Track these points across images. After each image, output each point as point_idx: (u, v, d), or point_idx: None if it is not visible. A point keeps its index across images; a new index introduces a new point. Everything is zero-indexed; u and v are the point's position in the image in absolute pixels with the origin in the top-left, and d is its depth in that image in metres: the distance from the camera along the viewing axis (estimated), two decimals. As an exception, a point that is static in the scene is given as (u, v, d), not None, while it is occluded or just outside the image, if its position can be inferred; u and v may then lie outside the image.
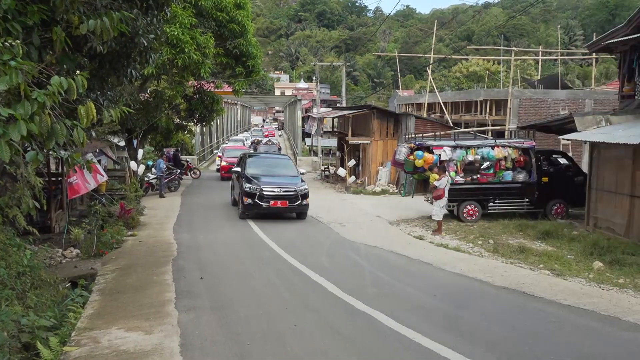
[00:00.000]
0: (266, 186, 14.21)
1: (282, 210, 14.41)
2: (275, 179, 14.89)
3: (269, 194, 14.12)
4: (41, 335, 5.78)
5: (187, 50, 14.41)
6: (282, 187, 14.30)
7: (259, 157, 17.91)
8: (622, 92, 13.41)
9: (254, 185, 14.24)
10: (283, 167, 16.26)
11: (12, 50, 3.81)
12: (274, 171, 15.65)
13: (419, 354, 5.15)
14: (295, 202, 14.27)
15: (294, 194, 14.28)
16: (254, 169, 15.49)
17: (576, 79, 58.24)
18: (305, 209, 14.61)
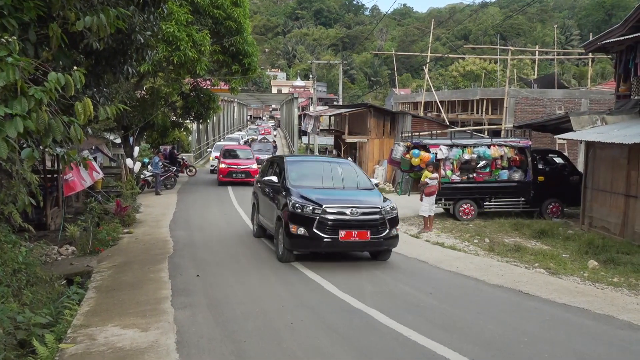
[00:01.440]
0: (331, 205, 8.82)
1: (358, 247, 9.14)
2: (340, 194, 9.57)
3: (336, 219, 8.70)
4: (37, 333, 5.77)
5: (183, 47, 14.38)
6: (356, 206, 8.89)
7: (306, 161, 11.89)
8: (617, 92, 13.46)
9: (308, 204, 8.85)
10: (347, 175, 10.38)
11: (8, 47, 3.79)
12: (334, 182, 10.03)
13: (415, 352, 5.17)
14: (381, 231, 8.83)
15: (378, 219, 8.87)
16: (301, 178, 9.91)
17: (572, 79, 58.41)
18: (395, 242, 9.32)
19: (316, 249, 9.08)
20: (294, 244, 8.95)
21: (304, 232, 8.69)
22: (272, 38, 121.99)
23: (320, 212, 8.71)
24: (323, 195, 9.17)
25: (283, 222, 9.05)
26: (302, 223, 8.71)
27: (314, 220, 8.66)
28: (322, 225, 8.65)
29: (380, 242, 9.01)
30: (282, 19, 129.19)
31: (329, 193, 9.43)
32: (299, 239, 8.82)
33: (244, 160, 23.02)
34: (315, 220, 8.65)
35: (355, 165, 11.56)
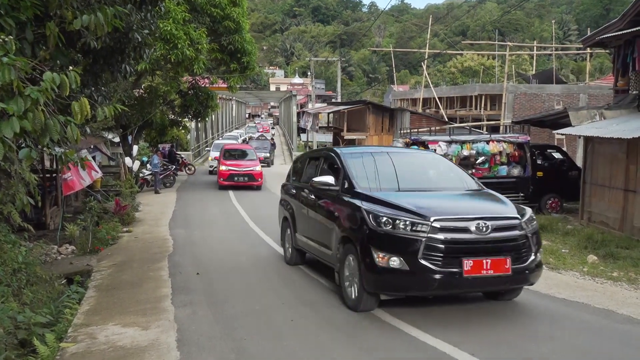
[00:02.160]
0: (444, 217, 5.75)
1: (493, 284, 5.97)
2: (446, 199, 6.60)
3: (456, 240, 5.65)
4: (37, 332, 5.77)
5: (181, 46, 14.35)
6: (483, 217, 5.80)
7: (371, 153, 7.57)
8: (616, 87, 13.47)
9: (404, 216, 5.75)
10: (440, 173, 7.47)
11: (5, 47, 3.78)
12: (423, 184, 7.00)
13: (417, 350, 5.17)
14: (524, 258, 5.82)
15: (519, 237, 5.84)
16: (372, 179, 6.74)
17: (570, 74, 58.44)
18: (540, 273, 6.19)
19: (422, 290, 5.71)
20: (383, 283, 5.73)
21: (401, 264, 5.52)
22: (270, 35, 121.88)
23: (426, 228, 5.52)
24: (423, 202, 6.02)
25: (358, 248, 5.87)
26: (395, 248, 5.57)
27: (417, 242, 5.48)
28: (433, 251, 5.46)
29: (525, 276, 5.80)
30: (279, 17, 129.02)
31: (429, 199, 6.31)
32: (391, 275, 5.58)
33: (246, 162, 20.92)
34: (420, 243, 5.47)
35: (443, 159, 8.25)
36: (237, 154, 21.66)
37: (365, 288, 5.86)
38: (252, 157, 21.56)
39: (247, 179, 20.17)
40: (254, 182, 20.16)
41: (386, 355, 5.01)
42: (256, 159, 21.56)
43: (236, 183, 19.99)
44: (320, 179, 7.15)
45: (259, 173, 20.42)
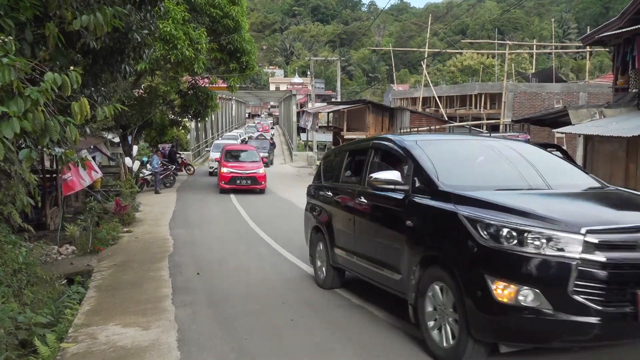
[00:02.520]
0: (612, 232, 3.87)
1: None
2: (583, 202, 4.78)
3: (630, 262, 3.73)
4: (38, 332, 5.78)
5: (180, 46, 14.36)
6: None
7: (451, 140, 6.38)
8: (615, 85, 13.47)
9: (536, 226, 3.84)
10: (547, 167, 5.36)
11: (4, 47, 3.79)
12: (529, 181, 4.90)
13: (418, 347, 5.17)
14: None
15: None
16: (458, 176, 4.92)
17: (570, 73, 58.44)
18: None
19: (572, 339, 3.91)
20: (506, 328, 3.93)
21: (537, 301, 3.76)
22: (269, 35, 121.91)
23: (577, 245, 3.75)
24: (556, 206, 4.42)
25: (458, 274, 4.16)
26: (527, 276, 3.78)
27: (564, 267, 3.72)
28: (589, 280, 3.69)
29: None
30: (279, 16, 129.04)
31: (557, 200, 4.69)
32: (520, 317, 3.80)
33: (249, 164, 19.89)
34: (569, 268, 3.70)
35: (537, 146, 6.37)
36: (239, 155, 20.62)
37: (472, 334, 4.04)
38: (255, 159, 20.51)
39: (250, 182, 19.12)
40: (257, 185, 19.21)
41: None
42: (259, 160, 20.54)
43: (238, 186, 18.97)
44: (382, 175, 5.25)
45: (262, 175, 19.36)
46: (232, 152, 21.11)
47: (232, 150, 21.51)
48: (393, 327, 5.64)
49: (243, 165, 19.67)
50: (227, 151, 20.87)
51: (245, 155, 20.85)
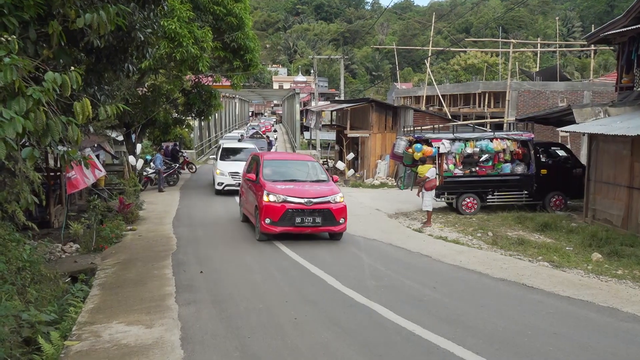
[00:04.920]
0: None
1: None
2: None
3: None
4: (42, 330, 5.80)
5: (185, 44, 14.35)
6: None
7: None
8: (620, 84, 13.40)
9: None
10: None
11: (8, 46, 3.79)
12: None
13: (419, 346, 5.17)
14: None
15: None
16: None
17: (575, 71, 58.20)
18: None
19: None
20: None
21: None
22: (272, 34, 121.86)
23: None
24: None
25: None
26: None
27: None
28: None
29: None
30: (282, 14, 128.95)
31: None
32: None
33: (313, 186, 11.31)
34: None
35: None
36: (291, 170, 11.96)
37: None
38: (320, 176, 11.88)
39: (321, 220, 10.55)
40: (331, 225, 10.66)
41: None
42: (327, 177, 11.92)
43: (300, 228, 10.55)
44: None
45: (340, 207, 10.77)
46: (278, 164, 12.30)
47: (278, 160, 12.86)
48: (396, 326, 5.67)
49: (303, 188, 10.97)
50: (269, 162, 12.07)
51: (300, 168, 12.15)
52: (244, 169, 13.88)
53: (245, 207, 12.85)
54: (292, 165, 12.41)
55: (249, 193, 12.19)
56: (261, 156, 12.37)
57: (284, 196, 10.55)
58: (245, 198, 12.87)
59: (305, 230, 10.68)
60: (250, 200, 11.95)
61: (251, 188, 11.86)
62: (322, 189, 11.07)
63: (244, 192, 12.99)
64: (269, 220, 10.44)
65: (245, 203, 12.74)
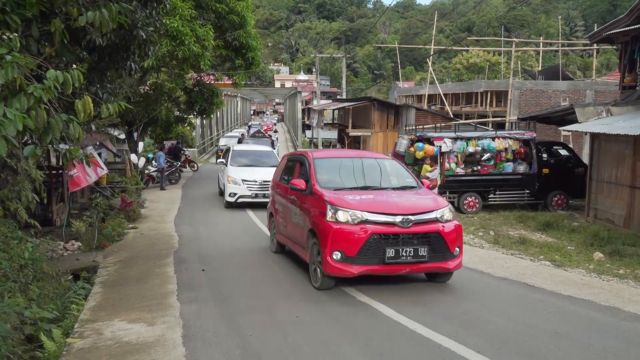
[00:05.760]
0: None
1: None
2: None
3: None
4: (44, 327, 5.81)
5: (187, 42, 14.36)
6: None
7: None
8: (623, 83, 13.38)
9: None
10: None
11: (9, 44, 3.79)
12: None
13: (419, 344, 5.17)
14: None
15: None
16: None
17: (577, 70, 58.05)
18: None
19: None
20: None
21: None
22: (274, 32, 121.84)
23: None
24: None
25: None
26: None
27: None
28: None
29: None
30: (284, 13, 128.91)
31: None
32: None
33: (404, 195, 7.50)
34: None
35: None
36: (362, 174, 8.08)
37: None
38: (408, 180, 8.23)
39: (427, 252, 6.74)
40: (443, 259, 6.92)
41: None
42: (419, 184, 8.15)
43: (393, 267, 6.73)
44: None
45: (454, 229, 6.99)
46: (339, 165, 8.32)
47: (336, 159, 8.64)
48: (399, 324, 5.67)
49: (390, 199, 7.22)
50: (323, 162, 8.31)
51: (373, 171, 8.27)
52: (274, 177, 10.03)
53: (285, 232, 8.73)
54: (361, 167, 8.21)
55: (291, 211, 8.29)
56: (308, 155, 8.42)
57: (363, 213, 6.64)
58: (284, 218, 8.76)
59: (402, 270, 6.75)
60: (296, 221, 8.00)
61: (296, 202, 7.99)
62: (419, 200, 7.24)
63: (280, 210, 9.04)
64: (339, 255, 6.52)
65: (287, 226, 8.59)
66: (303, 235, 7.59)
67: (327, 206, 6.88)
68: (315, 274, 7.13)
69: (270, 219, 9.90)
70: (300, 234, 7.79)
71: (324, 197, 7.11)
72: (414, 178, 8.30)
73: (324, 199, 7.04)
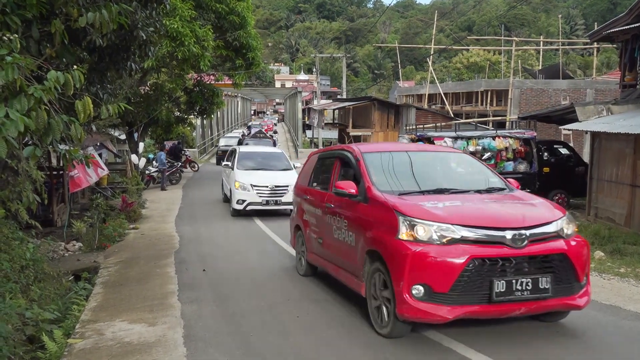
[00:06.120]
0: None
1: None
2: None
3: None
4: (45, 328, 5.82)
5: (187, 43, 14.38)
6: None
7: None
8: (623, 82, 13.37)
9: None
10: None
11: (9, 45, 3.80)
12: None
13: (423, 345, 5.17)
14: None
15: None
16: None
17: (577, 69, 58.03)
18: None
19: None
20: None
21: None
22: (275, 32, 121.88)
23: None
24: None
25: None
26: None
27: None
28: None
29: None
30: (284, 13, 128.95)
31: None
32: None
33: (503, 201, 5.48)
34: None
35: None
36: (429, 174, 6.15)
37: None
38: (492, 180, 6.13)
39: (550, 283, 4.71)
40: (570, 293, 4.91)
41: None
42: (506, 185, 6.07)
43: (504, 307, 4.67)
44: None
45: (580, 247, 4.96)
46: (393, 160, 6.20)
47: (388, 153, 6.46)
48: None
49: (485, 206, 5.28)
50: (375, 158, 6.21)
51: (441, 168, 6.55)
52: (299, 181, 8.12)
53: (320, 252, 6.89)
54: (427, 163, 6.49)
55: (330, 224, 6.34)
56: (354, 150, 6.39)
57: (455, 227, 4.72)
58: (318, 233, 6.88)
59: (515, 311, 4.79)
60: (341, 238, 6.03)
61: (341, 213, 6.04)
62: (528, 208, 5.36)
63: (311, 222, 7.16)
64: (422, 291, 4.65)
65: (323, 244, 6.71)
66: (354, 258, 5.59)
67: (397, 218, 4.85)
68: (379, 314, 5.14)
69: (295, 234, 7.95)
70: (348, 256, 5.80)
71: (391, 204, 5.07)
72: (498, 177, 6.24)
73: (392, 208, 5.01)
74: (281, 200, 13.22)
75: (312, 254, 7.24)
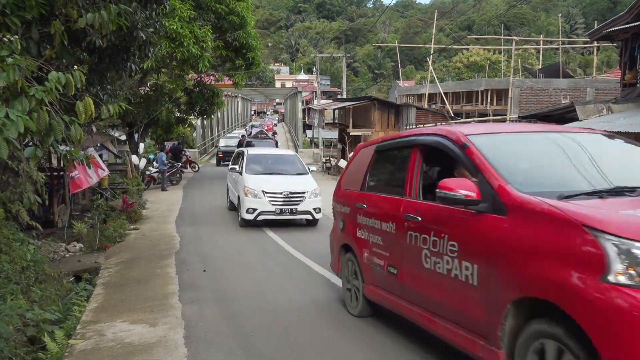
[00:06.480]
0: None
1: None
2: None
3: None
4: (46, 329, 5.83)
5: (186, 44, 14.39)
6: None
7: None
8: (623, 81, 13.37)
9: None
10: None
11: (10, 46, 3.80)
12: None
13: (423, 345, 5.17)
14: None
15: None
16: None
17: (577, 68, 57.99)
18: None
19: None
20: None
21: None
22: (274, 32, 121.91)
23: None
24: None
25: None
26: None
27: None
28: None
29: None
30: (284, 13, 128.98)
31: None
32: None
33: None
34: None
35: None
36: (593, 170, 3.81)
37: None
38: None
39: None
40: None
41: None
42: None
43: None
44: None
45: None
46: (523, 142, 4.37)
47: (516, 134, 4.57)
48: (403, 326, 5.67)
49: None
50: (496, 142, 4.22)
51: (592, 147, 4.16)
52: (344, 185, 6.36)
53: (391, 286, 4.94)
54: (573, 149, 4.11)
55: (417, 247, 4.34)
56: (457, 134, 4.22)
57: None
58: (392, 259, 4.86)
59: None
60: (446, 271, 3.94)
61: (440, 232, 4.04)
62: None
63: (375, 243, 5.20)
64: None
65: (404, 276, 4.65)
66: (476, 306, 3.61)
67: (598, 241, 2.78)
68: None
69: (340, 257, 6.18)
70: (461, 301, 3.79)
71: (573, 215, 2.97)
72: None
73: (577, 222, 2.92)
74: (297, 209, 11.84)
75: (373, 288, 5.27)
